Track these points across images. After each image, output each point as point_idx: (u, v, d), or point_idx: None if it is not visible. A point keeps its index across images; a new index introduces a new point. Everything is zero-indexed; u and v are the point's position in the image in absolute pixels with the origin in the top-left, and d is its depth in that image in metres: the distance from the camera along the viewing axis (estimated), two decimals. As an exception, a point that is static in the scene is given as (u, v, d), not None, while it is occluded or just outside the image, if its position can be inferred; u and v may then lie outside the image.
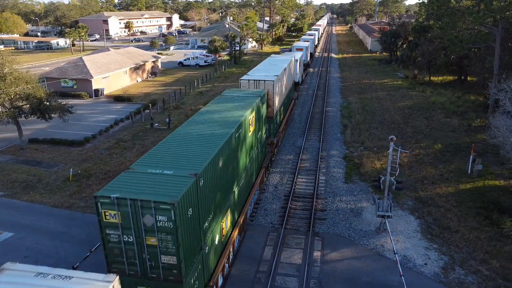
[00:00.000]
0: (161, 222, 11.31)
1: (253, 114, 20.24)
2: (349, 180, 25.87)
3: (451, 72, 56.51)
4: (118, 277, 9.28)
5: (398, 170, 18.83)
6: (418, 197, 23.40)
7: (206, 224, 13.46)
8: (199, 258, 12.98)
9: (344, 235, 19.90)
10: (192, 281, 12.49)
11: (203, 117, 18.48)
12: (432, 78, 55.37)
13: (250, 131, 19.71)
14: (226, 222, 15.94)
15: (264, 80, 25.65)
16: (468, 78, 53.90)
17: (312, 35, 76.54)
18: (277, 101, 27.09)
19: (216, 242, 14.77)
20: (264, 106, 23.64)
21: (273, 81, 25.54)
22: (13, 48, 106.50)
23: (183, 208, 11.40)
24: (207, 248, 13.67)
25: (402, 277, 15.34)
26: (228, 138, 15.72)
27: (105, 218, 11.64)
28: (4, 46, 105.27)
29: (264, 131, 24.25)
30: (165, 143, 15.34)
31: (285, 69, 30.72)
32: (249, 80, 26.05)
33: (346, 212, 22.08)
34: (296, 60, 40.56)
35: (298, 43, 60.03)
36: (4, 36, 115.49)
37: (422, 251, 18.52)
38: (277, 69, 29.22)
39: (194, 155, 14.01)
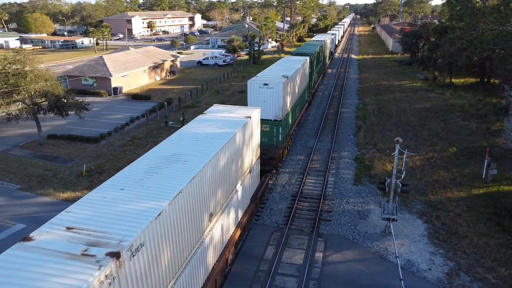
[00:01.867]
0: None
1: (320, 48, 46.16)
2: (358, 182, 25.59)
3: (473, 74, 55.00)
4: None
5: (404, 172, 18.49)
6: (427, 201, 22.92)
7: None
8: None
9: (348, 237, 19.71)
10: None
11: (312, 43, 51.82)
12: (453, 80, 54.03)
13: (320, 54, 46.87)
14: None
15: (320, 40, 56.34)
16: (491, 80, 52.34)
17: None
18: (327, 52, 61.12)
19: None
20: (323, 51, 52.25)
21: (325, 40, 57.31)
22: (40, 47, 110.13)
23: (312, 60, 38.89)
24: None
25: (402, 281, 15.07)
26: (318, 46, 45.50)
27: None
28: (33, 45, 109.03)
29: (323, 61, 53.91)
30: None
31: (327, 39, 61.75)
32: (314, 40, 57.96)
33: (352, 214, 21.86)
34: (331, 38, 69.81)
35: (330, 31, 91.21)
36: (33, 35, 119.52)
37: (427, 256, 18.15)
38: (325, 38, 61.89)
39: (309, 49, 42.73)
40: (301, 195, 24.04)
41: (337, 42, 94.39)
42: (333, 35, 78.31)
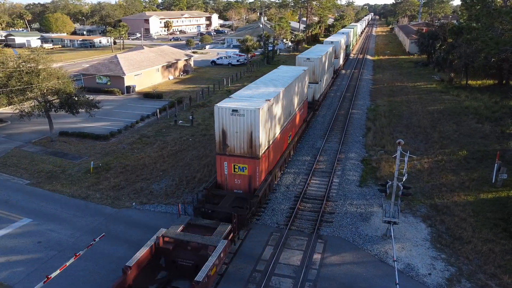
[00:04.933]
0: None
1: (354, 29, 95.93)
2: (363, 184, 25.26)
3: (490, 76, 53.62)
4: None
5: (406, 175, 18.14)
6: (433, 204, 22.46)
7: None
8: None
9: (348, 239, 19.47)
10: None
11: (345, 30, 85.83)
12: (469, 81, 52.76)
13: (354, 33, 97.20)
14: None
15: (350, 27, 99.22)
16: (510, 82, 50.94)
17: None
18: (358, 32, 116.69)
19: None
20: (356, 31, 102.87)
21: (354, 27, 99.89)
22: (60, 46, 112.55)
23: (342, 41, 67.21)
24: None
25: (397, 285, 14.79)
26: (346, 33, 74.56)
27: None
28: (53, 44, 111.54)
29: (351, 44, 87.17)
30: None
31: (356, 26, 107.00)
32: (347, 26, 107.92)
33: (354, 216, 21.59)
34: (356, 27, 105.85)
35: (356, 23, 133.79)
36: (53, 35, 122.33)
37: (428, 261, 17.78)
38: (352, 27, 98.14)
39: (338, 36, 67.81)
40: (304, 196, 23.87)
41: (359, 31, 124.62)
42: (357, 24, 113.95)
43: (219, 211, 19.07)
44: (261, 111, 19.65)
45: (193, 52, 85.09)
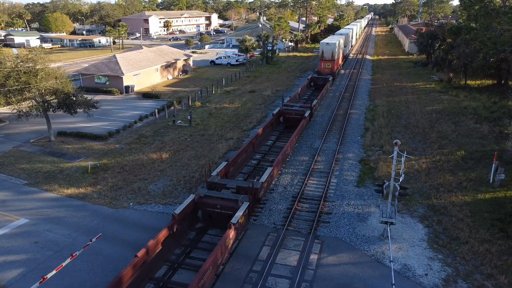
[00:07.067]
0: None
1: (360, 23, 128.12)
2: (361, 184, 25.25)
3: (489, 76, 53.61)
4: None
5: (403, 176, 18.13)
6: (430, 205, 22.45)
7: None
8: None
9: (345, 240, 19.46)
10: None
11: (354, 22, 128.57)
12: (468, 81, 52.74)
13: (360, 27, 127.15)
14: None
15: (359, 20, 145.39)
16: (509, 82, 50.88)
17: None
18: (362, 26, 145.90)
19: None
20: (361, 25, 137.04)
21: (361, 20, 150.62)
22: (59, 45, 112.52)
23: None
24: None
25: (393, 286, 14.78)
26: (359, 24, 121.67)
27: None
28: (52, 44, 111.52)
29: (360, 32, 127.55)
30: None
31: (361, 21, 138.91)
32: (355, 20, 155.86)
33: (352, 216, 21.58)
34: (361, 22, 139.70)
35: (361, 19, 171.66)
36: (53, 34, 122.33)
37: (425, 261, 17.77)
38: (359, 21, 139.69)
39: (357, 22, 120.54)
40: (302, 196, 23.86)
41: (362, 27, 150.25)
42: (360, 21, 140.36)
43: (323, 76, 53.08)
44: (337, 43, 55.16)
45: (192, 52, 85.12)
